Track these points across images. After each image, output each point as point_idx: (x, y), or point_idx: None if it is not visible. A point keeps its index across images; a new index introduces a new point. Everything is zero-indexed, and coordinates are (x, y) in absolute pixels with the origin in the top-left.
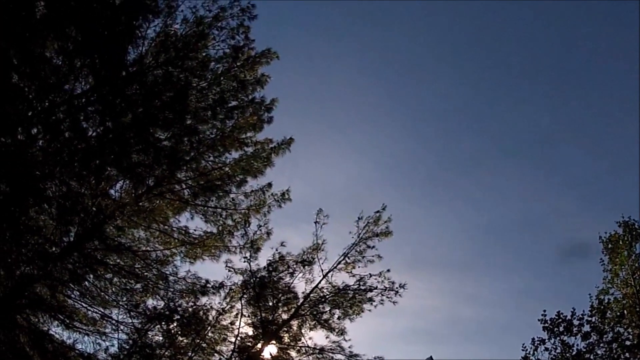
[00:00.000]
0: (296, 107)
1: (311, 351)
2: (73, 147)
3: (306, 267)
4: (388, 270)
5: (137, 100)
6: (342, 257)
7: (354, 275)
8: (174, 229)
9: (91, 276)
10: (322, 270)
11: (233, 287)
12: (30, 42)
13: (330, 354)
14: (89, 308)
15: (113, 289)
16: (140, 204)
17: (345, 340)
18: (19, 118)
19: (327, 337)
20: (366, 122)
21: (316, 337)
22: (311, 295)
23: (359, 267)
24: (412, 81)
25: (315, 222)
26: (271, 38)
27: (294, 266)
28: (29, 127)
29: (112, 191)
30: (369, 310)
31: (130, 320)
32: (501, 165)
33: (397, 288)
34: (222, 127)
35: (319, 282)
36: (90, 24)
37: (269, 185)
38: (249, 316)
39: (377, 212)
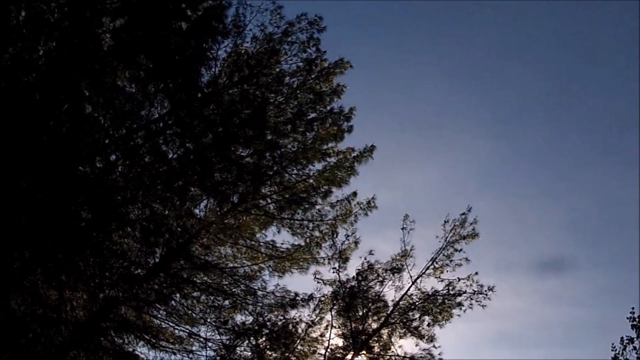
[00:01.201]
0: (375, 114)
1: None
2: (154, 170)
3: (395, 274)
4: (476, 273)
5: (215, 120)
6: (430, 262)
7: (442, 280)
8: (261, 243)
9: (177, 295)
10: (411, 277)
11: (322, 298)
12: (101, 73)
13: None
14: (175, 327)
15: (200, 306)
16: (226, 221)
17: (435, 347)
18: (96, 147)
19: (416, 345)
20: (445, 123)
21: (406, 345)
22: (400, 302)
23: (447, 271)
24: (489, 79)
25: (402, 229)
26: (345, 46)
27: (384, 274)
28: (107, 155)
29: (196, 211)
30: (458, 316)
31: (218, 337)
32: (585, 158)
33: (485, 291)
34: (303, 140)
35: (408, 289)
36: (160, 51)
37: (354, 194)
38: (339, 327)
39: (463, 214)
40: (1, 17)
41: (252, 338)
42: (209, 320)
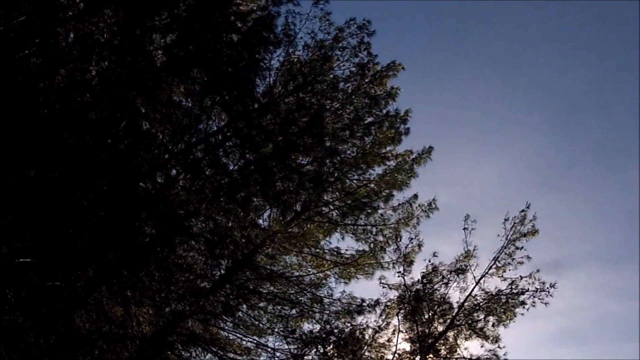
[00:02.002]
0: (428, 114)
1: None
2: (216, 182)
3: (459, 275)
4: (538, 271)
5: (273, 129)
6: (493, 262)
7: (505, 279)
8: (326, 251)
9: (244, 306)
10: (475, 277)
11: (389, 303)
12: (155, 89)
13: None
14: (243, 338)
15: (267, 316)
16: (290, 230)
17: (499, 347)
18: (156, 162)
19: (481, 346)
20: (499, 120)
21: (471, 347)
22: (465, 304)
23: (509, 270)
24: (540, 74)
25: (464, 229)
26: (394, 48)
27: (448, 276)
28: (168, 170)
29: (260, 221)
30: (522, 314)
31: (286, 347)
32: None
33: (547, 288)
34: (361, 145)
35: (472, 290)
36: (214, 64)
37: (415, 196)
38: (406, 331)
39: (522, 211)
40: (50, 39)
41: (319, 346)
42: (276, 330)
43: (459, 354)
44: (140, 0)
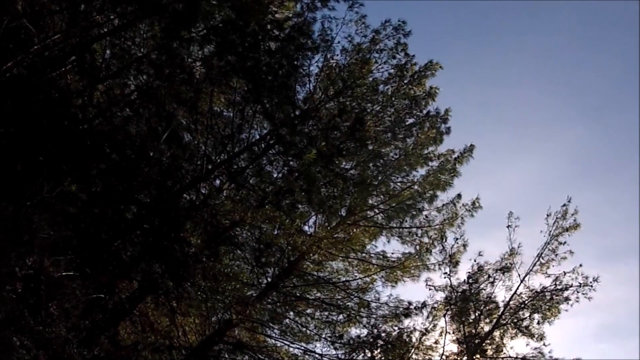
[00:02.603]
0: (463, 111)
1: None
2: (260, 191)
3: (505, 274)
4: (580, 265)
5: (316, 135)
6: (537, 259)
7: (549, 276)
8: (372, 255)
9: (291, 313)
10: (519, 275)
11: (435, 305)
12: (196, 100)
13: None
14: (290, 345)
15: (314, 323)
16: (336, 235)
17: (544, 345)
18: (199, 173)
19: (527, 345)
20: (536, 115)
21: (516, 345)
22: (510, 302)
23: (552, 266)
24: (581, 67)
25: (508, 227)
26: (428, 47)
27: (494, 275)
28: (211, 180)
29: (305, 227)
30: (566, 311)
31: (334, 352)
32: None
33: (590, 282)
34: (404, 147)
35: (517, 288)
36: (253, 73)
37: (459, 196)
38: (453, 332)
39: (564, 205)
40: (87, 56)
41: (367, 351)
42: (323, 336)
43: (504, 353)
44: (175, 13)
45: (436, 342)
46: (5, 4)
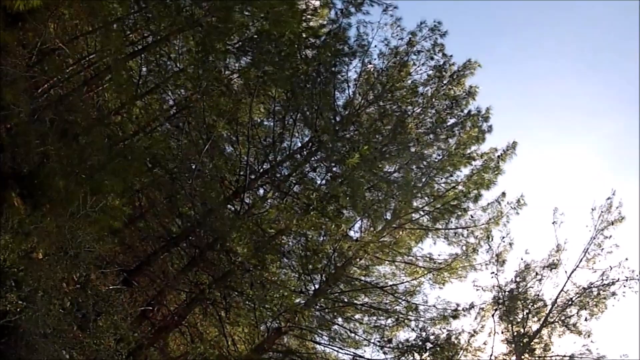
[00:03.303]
0: (504, 108)
1: (561, 359)
2: (305, 198)
3: (552, 270)
4: (626, 259)
5: (358, 140)
6: (583, 254)
7: (595, 271)
8: (419, 257)
9: (340, 319)
10: (566, 272)
11: (483, 305)
12: (236, 111)
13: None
14: (339, 351)
15: (363, 328)
16: (382, 239)
17: (592, 342)
18: (243, 183)
19: (574, 342)
20: (575, 107)
21: (564, 343)
22: (558, 300)
23: (598, 261)
24: (613, 58)
25: (553, 223)
26: (472, 46)
27: (541, 272)
28: (255, 190)
29: (351, 232)
30: (613, 306)
31: (383, 356)
32: None
33: (636, 276)
34: (446, 147)
35: (564, 285)
36: (292, 82)
37: (503, 194)
38: (501, 332)
39: (608, 198)
40: (124, 72)
41: (416, 354)
42: (372, 340)
43: (552, 352)
44: (209, 27)
45: (484, 343)
46: (37, 26)
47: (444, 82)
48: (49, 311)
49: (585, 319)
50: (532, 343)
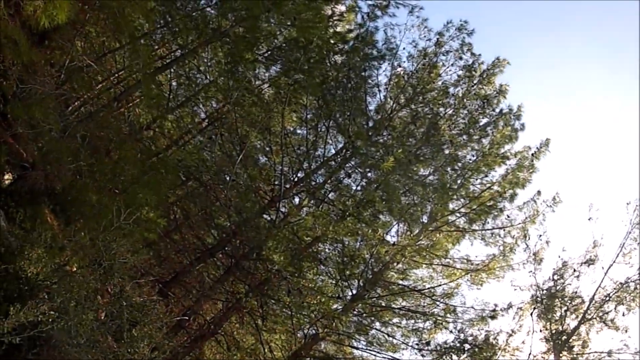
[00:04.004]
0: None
1: (599, 355)
2: (340, 204)
3: (589, 267)
4: None
5: (391, 144)
6: (619, 249)
7: (632, 266)
8: (456, 260)
9: (377, 324)
10: (603, 268)
11: (521, 305)
12: (268, 120)
13: (617, 355)
14: (377, 355)
15: (401, 331)
16: (419, 242)
17: (629, 337)
18: (278, 193)
19: (612, 338)
20: (604, 100)
21: (602, 339)
22: (595, 296)
23: (635, 255)
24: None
25: (589, 219)
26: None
27: (579, 269)
28: (290, 198)
29: (388, 237)
30: None
31: (421, 359)
32: None
33: None
34: (480, 147)
35: (601, 281)
36: (323, 88)
37: (539, 192)
38: (540, 331)
39: None
40: (154, 86)
41: (454, 355)
42: (410, 344)
43: (590, 348)
44: (236, 37)
45: (523, 342)
46: (64, 44)
47: (474, 81)
48: (82, 321)
49: (623, 314)
50: (571, 340)
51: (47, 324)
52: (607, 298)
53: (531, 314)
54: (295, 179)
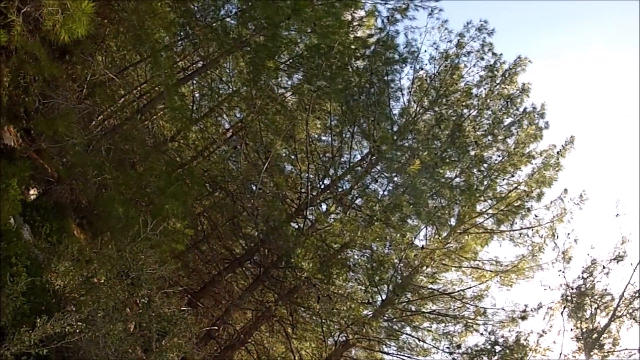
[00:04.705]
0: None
1: (630, 353)
2: (368, 209)
3: (619, 263)
4: None
5: (417, 147)
6: None
7: None
8: (485, 261)
9: (408, 328)
10: (632, 264)
11: (551, 304)
12: (292, 128)
13: None
14: (408, 359)
15: (431, 336)
16: (448, 245)
17: None
18: (305, 200)
19: None
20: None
21: (632, 336)
22: (625, 293)
23: None
24: None
25: (616, 215)
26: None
27: (608, 266)
28: (317, 205)
29: (416, 241)
30: None
31: None
32: None
33: None
34: (505, 147)
35: (631, 277)
36: (346, 94)
37: (565, 190)
38: (571, 330)
39: None
40: (177, 98)
41: (485, 358)
42: (441, 348)
43: (621, 345)
44: (258, 46)
45: (554, 342)
46: (85, 59)
47: (497, 81)
48: (110, 331)
49: None
50: (601, 338)
51: (75, 335)
52: (637, 294)
53: (561, 313)
54: (322, 186)
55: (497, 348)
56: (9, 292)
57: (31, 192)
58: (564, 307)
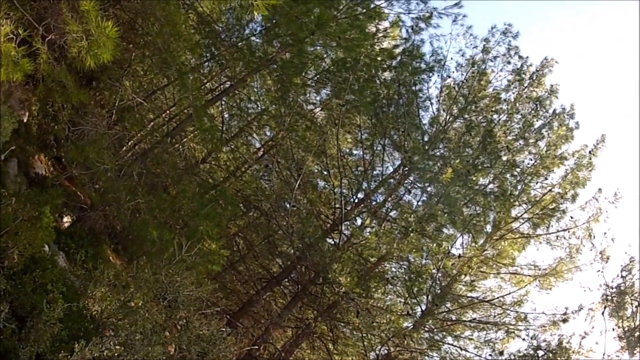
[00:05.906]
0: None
1: None
2: (403, 221)
3: None
4: None
5: (449, 155)
6: None
7: None
8: (523, 266)
9: (449, 338)
10: None
11: (592, 305)
12: (323, 144)
13: None
14: None
15: (473, 344)
16: (485, 252)
17: None
18: (339, 215)
19: None
20: None
21: None
22: None
23: None
24: None
25: None
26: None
27: None
28: (353, 219)
29: (453, 250)
30: None
31: None
32: None
33: None
34: (537, 151)
35: None
36: (375, 107)
37: (600, 190)
38: (613, 329)
39: None
40: (206, 119)
41: None
42: (483, 355)
43: None
44: (284, 63)
45: (596, 343)
46: (112, 84)
47: (525, 84)
48: (148, 354)
49: None
50: None
51: (113, 359)
52: None
53: (602, 314)
54: (356, 200)
55: (540, 352)
56: (46, 319)
57: (65, 219)
58: (605, 307)
